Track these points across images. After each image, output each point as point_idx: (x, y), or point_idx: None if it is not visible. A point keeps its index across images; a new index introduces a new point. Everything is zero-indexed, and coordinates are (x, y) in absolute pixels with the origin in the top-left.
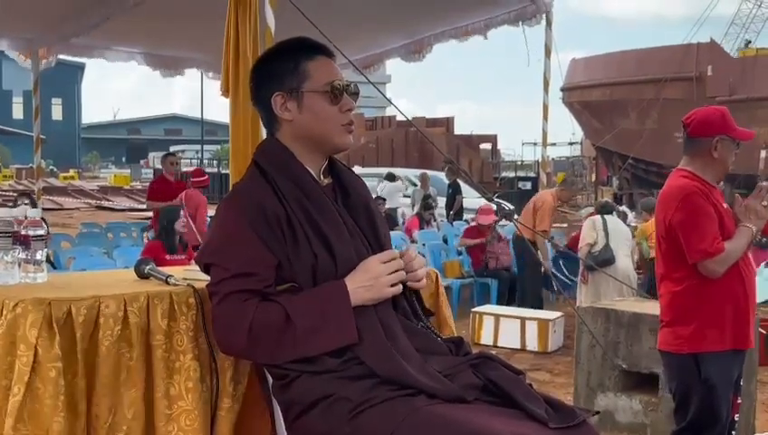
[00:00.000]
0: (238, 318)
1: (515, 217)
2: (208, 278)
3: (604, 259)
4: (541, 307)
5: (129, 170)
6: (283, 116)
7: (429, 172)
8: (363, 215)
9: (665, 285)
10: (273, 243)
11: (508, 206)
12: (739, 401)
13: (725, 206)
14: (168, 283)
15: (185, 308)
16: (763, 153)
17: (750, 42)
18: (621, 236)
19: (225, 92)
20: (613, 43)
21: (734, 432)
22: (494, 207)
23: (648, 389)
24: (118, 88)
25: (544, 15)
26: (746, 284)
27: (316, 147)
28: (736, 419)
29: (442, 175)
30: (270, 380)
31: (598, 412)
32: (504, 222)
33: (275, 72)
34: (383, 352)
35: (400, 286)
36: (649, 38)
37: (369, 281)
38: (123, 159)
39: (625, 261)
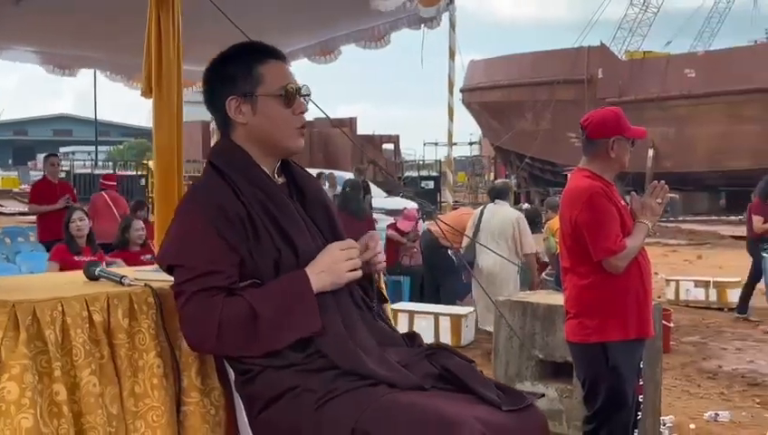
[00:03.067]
0: (206, 316)
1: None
2: (162, 278)
3: (467, 261)
4: (454, 303)
5: (16, 173)
6: (237, 119)
7: (335, 172)
8: (321, 212)
9: (570, 279)
10: (235, 240)
11: (429, 206)
12: (641, 383)
13: (623, 203)
14: (122, 283)
15: (145, 307)
16: (650, 152)
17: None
18: (494, 229)
19: (148, 93)
20: (506, 46)
21: (639, 413)
22: (416, 213)
23: (563, 377)
24: (1, 87)
25: (448, 18)
26: (645, 277)
27: (270, 149)
28: (641, 399)
29: (349, 175)
30: (232, 375)
31: (543, 395)
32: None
33: (229, 75)
34: (342, 346)
35: (359, 272)
36: (540, 41)
37: (329, 266)
38: (9, 162)
39: (490, 259)
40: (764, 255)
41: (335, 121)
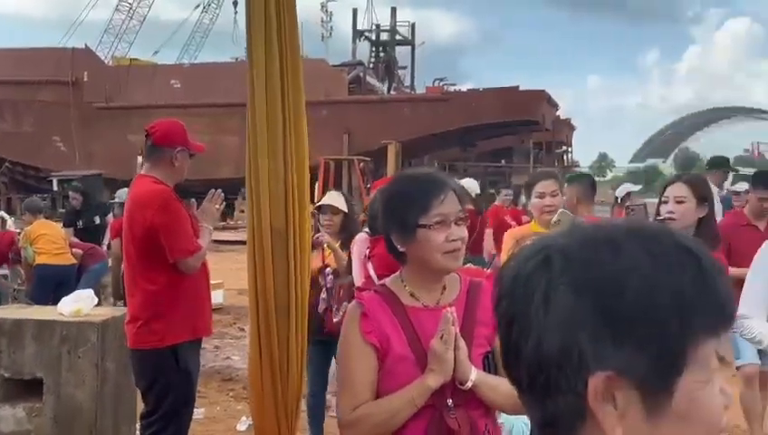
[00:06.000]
0: None
1: None
2: None
3: None
4: None
5: None
6: None
7: None
8: None
9: (139, 284)
10: None
11: None
12: None
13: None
14: None
15: None
16: (139, 159)
17: None
18: None
19: None
20: None
21: None
22: None
23: (32, 395)
24: None
25: None
26: (208, 277)
27: None
28: None
29: None
30: None
31: None
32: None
33: None
34: None
35: None
36: (21, 38)
37: None
38: None
39: None
40: None
41: None
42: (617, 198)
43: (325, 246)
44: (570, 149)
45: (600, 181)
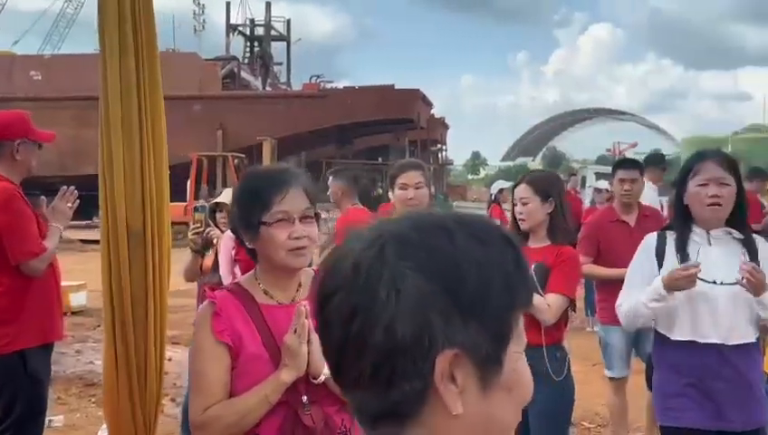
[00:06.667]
0: None
1: None
2: None
3: None
4: None
5: None
6: None
7: None
8: None
9: None
10: None
11: None
12: None
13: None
14: None
15: None
16: None
17: None
18: None
19: None
20: None
21: None
22: None
23: None
24: None
25: None
26: (58, 279)
27: None
28: None
29: None
30: None
31: None
32: None
33: None
34: None
35: None
36: None
37: None
38: None
39: None
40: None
41: None
42: (491, 195)
43: (215, 241)
44: (444, 148)
45: (473, 179)
